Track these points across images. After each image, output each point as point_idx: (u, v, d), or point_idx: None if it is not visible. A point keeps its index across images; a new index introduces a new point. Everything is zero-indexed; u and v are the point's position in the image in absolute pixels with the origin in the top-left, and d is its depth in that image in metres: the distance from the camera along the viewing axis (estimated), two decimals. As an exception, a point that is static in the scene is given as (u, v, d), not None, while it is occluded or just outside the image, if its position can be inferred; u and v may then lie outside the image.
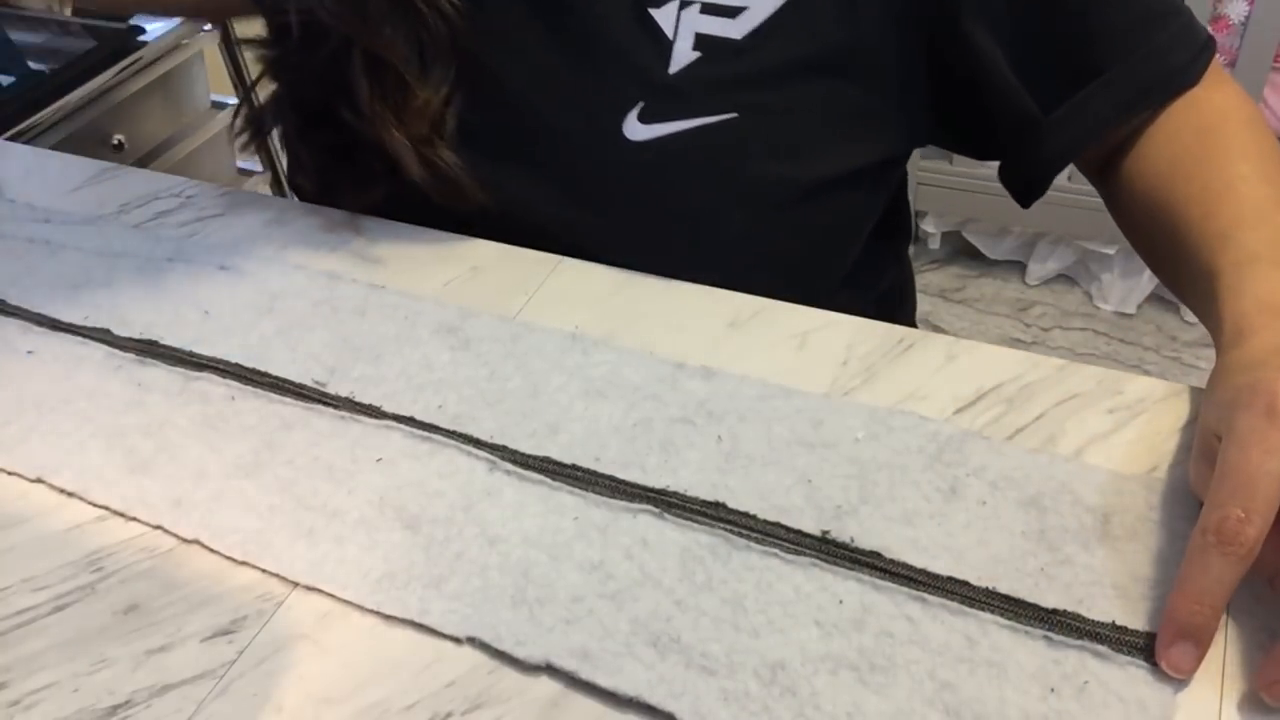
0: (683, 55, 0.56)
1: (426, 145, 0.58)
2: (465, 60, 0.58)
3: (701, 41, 0.55)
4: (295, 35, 0.57)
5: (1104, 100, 0.56)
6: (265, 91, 0.64)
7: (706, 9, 0.56)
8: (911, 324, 0.69)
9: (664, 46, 0.56)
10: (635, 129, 0.56)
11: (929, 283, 1.89)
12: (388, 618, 0.42)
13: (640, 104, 0.56)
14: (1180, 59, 0.56)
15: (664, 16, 0.56)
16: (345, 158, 0.61)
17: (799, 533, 0.44)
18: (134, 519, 0.46)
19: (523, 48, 0.58)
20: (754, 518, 0.44)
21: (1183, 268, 0.53)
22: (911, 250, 0.81)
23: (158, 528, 0.46)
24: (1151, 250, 0.59)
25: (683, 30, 0.56)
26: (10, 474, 0.49)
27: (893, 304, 0.73)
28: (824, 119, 0.57)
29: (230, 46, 1.43)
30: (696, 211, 0.58)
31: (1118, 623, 0.39)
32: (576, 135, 0.58)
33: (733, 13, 0.55)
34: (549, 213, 0.59)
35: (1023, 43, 0.56)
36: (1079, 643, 0.39)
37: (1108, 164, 0.61)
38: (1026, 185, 0.62)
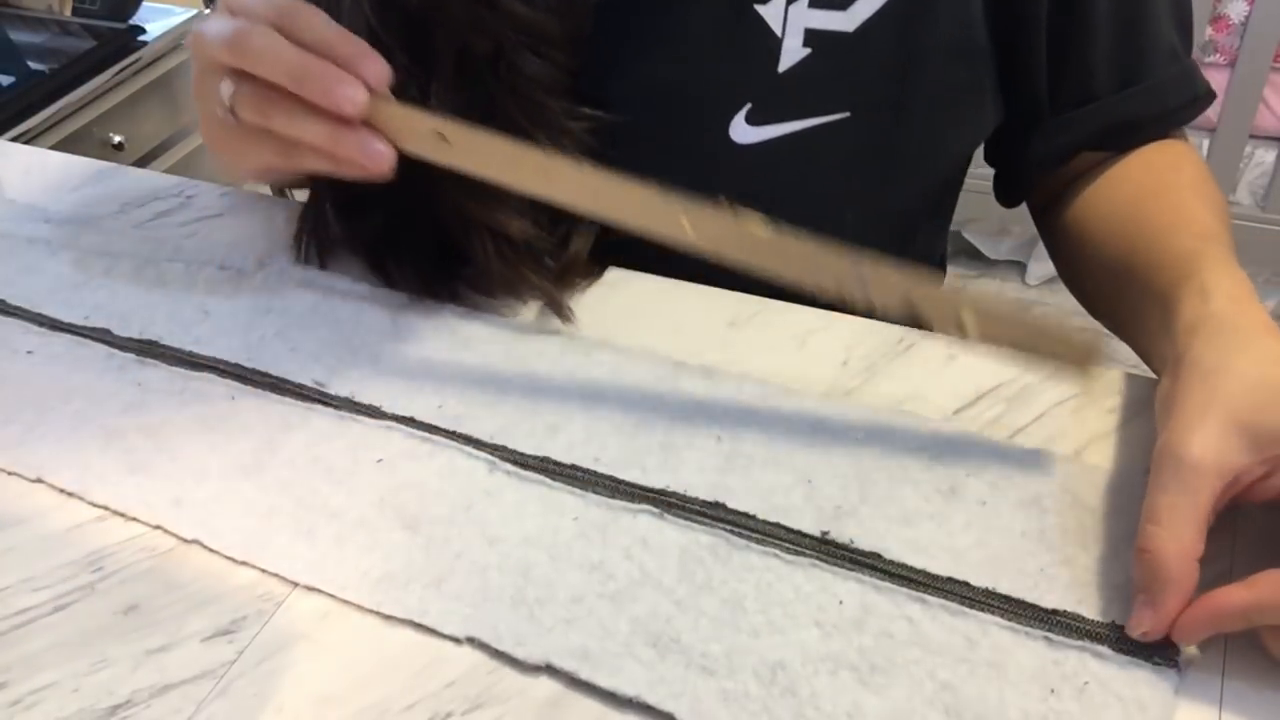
0: (792, 52, 0.53)
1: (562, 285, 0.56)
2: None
3: (812, 37, 0.53)
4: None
5: (1094, 122, 0.57)
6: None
7: (815, 3, 0.53)
8: None
9: (772, 44, 0.53)
10: (743, 131, 0.54)
11: (929, 283, 1.88)
12: (387, 618, 0.42)
13: (748, 105, 0.54)
14: (1176, 101, 0.57)
15: (771, 13, 0.53)
16: (393, 241, 0.58)
17: (799, 533, 0.44)
18: (134, 519, 0.46)
19: (624, 60, 0.56)
20: (754, 518, 0.44)
21: (1133, 293, 0.53)
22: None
23: (158, 528, 0.46)
24: (1095, 284, 0.59)
25: (791, 26, 0.53)
26: (10, 474, 0.49)
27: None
28: (935, 109, 0.56)
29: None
30: (805, 215, 0.56)
31: (1118, 622, 0.39)
32: (680, 142, 0.56)
33: (843, 4, 0.53)
34: None
35: (1056, 37, 0.56)
36: (1079, 643, 0.39)
37: (1057, 197, 0.61)
38: (1011, 183, 0.63)
